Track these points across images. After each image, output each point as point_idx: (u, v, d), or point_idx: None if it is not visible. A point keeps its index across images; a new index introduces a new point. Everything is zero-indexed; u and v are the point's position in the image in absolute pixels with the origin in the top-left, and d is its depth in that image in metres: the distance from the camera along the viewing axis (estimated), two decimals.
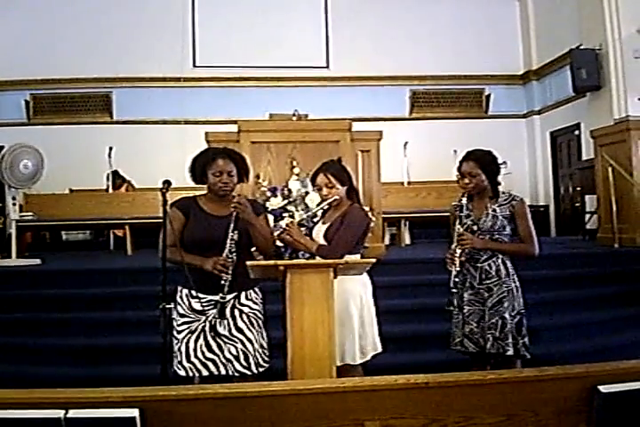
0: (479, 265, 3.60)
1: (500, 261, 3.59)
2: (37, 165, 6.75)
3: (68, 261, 7.45)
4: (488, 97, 12.07)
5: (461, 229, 3.54)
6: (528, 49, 12.04)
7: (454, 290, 3.49)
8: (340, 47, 11.60)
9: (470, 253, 3.58)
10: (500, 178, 3.69)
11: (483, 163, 3.59)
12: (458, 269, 3.48)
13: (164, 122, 11.29)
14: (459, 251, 3.49)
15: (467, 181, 3.59)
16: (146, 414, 1.75)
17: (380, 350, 3.67)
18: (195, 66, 11.58)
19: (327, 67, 11.76)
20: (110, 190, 9.62)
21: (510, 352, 3.47)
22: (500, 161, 3.74)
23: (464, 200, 3.60)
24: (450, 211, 3.80)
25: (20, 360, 4.82)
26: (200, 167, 3.35)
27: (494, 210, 3.60)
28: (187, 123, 11.03)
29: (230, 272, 3.19)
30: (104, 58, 11.06)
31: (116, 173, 9.84)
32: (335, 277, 3.28)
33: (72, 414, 1.77)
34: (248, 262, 3.18)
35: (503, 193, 3.67)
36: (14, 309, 5.38)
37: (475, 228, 3.58)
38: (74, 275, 5.96)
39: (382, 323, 4.40)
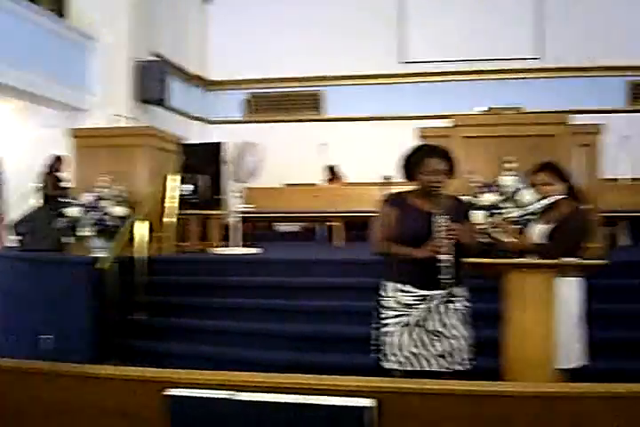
0: None
1: None
2: (259, 159, 7.16)
3: (282, 251, 7.79)
4: None
5: None
6: None
7: None
8: (553, 37, 11.12)
9: None
10: None
11: None
12: None
13: (374, 118, 11.49)
14: None
15: None
16: (382, 404, 1.78)
17: (586, 360, 3.50)
18: (404, 62, 11.66)
19: (539, 58, 11.32)
20: (324, 184, 9.98)
21: None
22: None
23: None
24: None
25: (241, 344, 5.17)
26: (412, 166, 3.39)
27: None
28: (396, 119, 11.13)
29: (447, 253, 3.16)
30: (315, 57, 11.48)
31: (331, 169, 10.19)
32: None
33: (309, 399, 1.84)
34: (465, 259, 3.16)
35: None
36: (234, 294, 5.73)
37: None
38: (288, 264, 6.20)
39: (600, 327, 4.18)
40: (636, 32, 10.78)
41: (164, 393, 2.05)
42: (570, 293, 3.44)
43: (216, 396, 1.94)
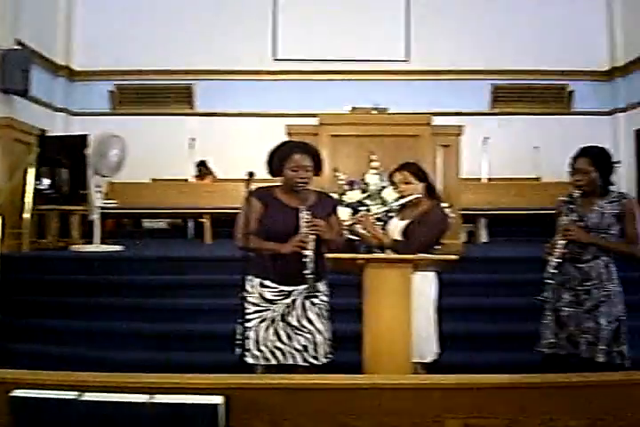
0: (580, 266, 3.45)
1: (602, 263, 3.44)
2: (122, 153, 6.96)
3: (149, 248, 7.62)
4: (571, 93, 11.74)
5: (567, 221, 3.42)
6: (614, 44, 11.62)
7: (549, 281, 3.40)
8: (421, 40, 11.49)
9: (573, 253, 3.44)
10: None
11: (597, 160, 3.46)
12: (557, 260, 3.37)
13: (245, 114, 11.45)
14: (561, 242, 3.37)
15: (579, 177, 3.47)
16: (231, 401, 1.77)
17: (437, 351, 3.64)
18: (276, 59, 11.69)
19: (407, 60, 11.67)
20: (194, 181, 9.83)
21: (601, 359, 3.32)
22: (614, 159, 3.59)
23: (576, 194, 3.47)
24: (556, 206, 3.64)
25: (101, 344, 5.00)
26: (277, 161, 3.41)
27: (602, 207, 3.44)
28: (266, 116, 11.13)
29: (311, 249, 3.20)
30: (186, 50, 11.29)
31: (202, 164, 10.06)
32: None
33: (157, 399, 1.81)
34: (327, 255, 3.21)
35: (612, 191, 3.50)
36: (95, 293, 5.55)
37: (580, 224, 3.43)
38: (153, 262, 6.08)
39: (456, 320, 4.36)
40: (499, 36, 11.31)
41: (10, 395, 1.96)
42: (425, 287, 3.57)
43: (62, 397, 1.87)
